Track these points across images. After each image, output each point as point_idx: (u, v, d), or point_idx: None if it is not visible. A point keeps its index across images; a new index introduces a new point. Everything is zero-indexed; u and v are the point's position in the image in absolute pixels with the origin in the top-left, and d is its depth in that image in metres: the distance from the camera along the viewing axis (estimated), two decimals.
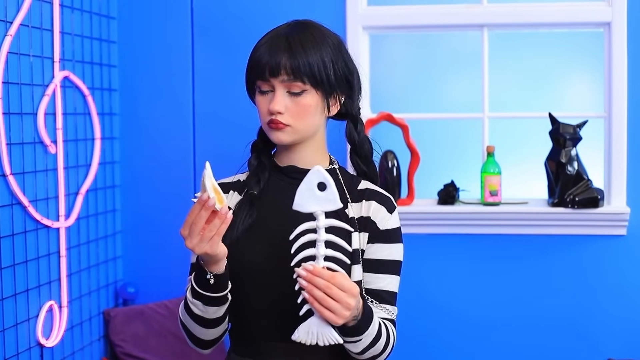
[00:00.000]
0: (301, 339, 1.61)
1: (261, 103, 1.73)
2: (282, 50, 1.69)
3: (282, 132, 1.72)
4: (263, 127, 1.76)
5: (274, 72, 1.69)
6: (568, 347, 3.22)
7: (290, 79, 1.69)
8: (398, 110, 3.33)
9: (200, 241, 1.56)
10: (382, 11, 3.29)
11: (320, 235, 1.58)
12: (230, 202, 1.79)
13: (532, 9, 3.25)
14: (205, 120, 3.32)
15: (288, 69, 1.69)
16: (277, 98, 1.70)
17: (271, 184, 1.79)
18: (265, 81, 1.71)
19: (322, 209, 1.58)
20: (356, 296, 1.58)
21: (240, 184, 1.82)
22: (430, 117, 3.86)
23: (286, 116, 1.71)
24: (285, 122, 1.71)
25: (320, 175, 1.57)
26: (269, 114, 1.71)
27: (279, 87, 1.70)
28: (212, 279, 1.63)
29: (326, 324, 1.59)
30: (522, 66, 4.34)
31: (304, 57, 1.69)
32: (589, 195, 3.12)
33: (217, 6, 3.31)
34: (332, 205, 1.57)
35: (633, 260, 3.19)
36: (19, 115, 2.64)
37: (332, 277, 1.55)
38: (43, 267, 2.78)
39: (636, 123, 3.17)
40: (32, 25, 2.71)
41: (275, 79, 1.70)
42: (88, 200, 3.08)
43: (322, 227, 1.58)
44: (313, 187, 1.57)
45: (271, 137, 1.74)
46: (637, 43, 3.15)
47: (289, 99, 1.71)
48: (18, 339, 2.64)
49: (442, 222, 3.24)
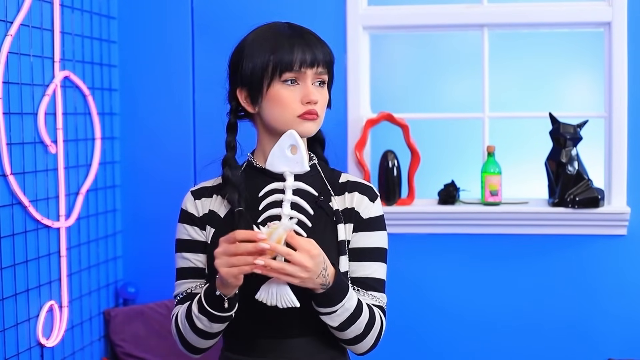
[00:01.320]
0: (262, 299, 1.64)
1: (289, 95, 1.73)
2: (316, 44, 1.75)
3: (313, 123, 1.74)
4: (289, 120, 1.73)
5: (313, 63, 1.72)
6: (568, 347, 3.22)
7: (324, 71, 1.75)
8: (398, 110, 3.33)
9: (231, 266, 1.59)
10: (382, 11, 3.29)
11: (287, 195, 1.67)
12: (213, 206, 1.79)
13: (532, 9, 3.25)
14: (205, 120, 3.32)
15: (323, 61, 1.74)
16: (311, 87, 1.73)
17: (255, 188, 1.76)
18: (297, 72, 1.72)
19: (290, 170, 1.68)
20: (315, 257, 1.60)
21: (222, 187, 1.80)
22: (431, 117, 3.86)
23: (318, 106, 1.75)
24: (318, 112, 1.74)
25: (293, 138, 1.68)
26: (302, 105, 1.72)
27: (310, 78, 1.74)
28: (226, 303, 1.66)
29: (285, 285, 1.63)
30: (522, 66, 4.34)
31: (329, 51, 1.77)
32: (589, 195, 3.12)
33: (217, 6, 3.31)
34: (299, 167, 1.68)
35: (633, 260, 3.19)
36: (19, 115, 2.65)
37: (288, 253, 1.58)
38: (43, 267, 2.78)
39: (636, 123, 3.17)
40: (33, 25, 2.71)
41: (311, 69, 1.73)
42: (88, 200, 3.08)
43: (290, 187, 1.68)
44: (284, 148, 1.68)
45: (302, 129, 1.73)
46: (637, 43, 3.16)
47: (317, 90, 1.75)
48: (18, 339, 2.64)
49: (442, 222, 3.24)
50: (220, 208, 1.78)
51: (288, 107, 1.73)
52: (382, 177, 3.25)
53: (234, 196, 1.75)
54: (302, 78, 1.73)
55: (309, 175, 1.78)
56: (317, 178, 1.80)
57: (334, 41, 3.24)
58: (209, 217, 1.78)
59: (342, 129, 3.26)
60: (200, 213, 1.79)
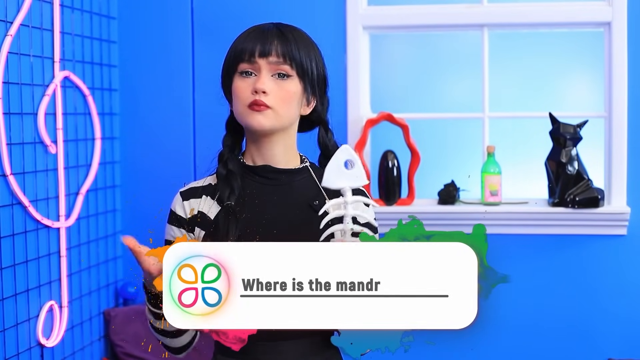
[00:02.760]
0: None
1: (242, 86, 1.70)
2: (273, 35, 1.70)
3: (263, 116, 1.68)
4: (241, 113, 1.71)
5: (264, 53, 1.68)
6: (568, 347, 3.22)
7: (280, 61, 1.69)
8: (398, 110, 3.33)
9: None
10: (382, 11, 3.29)
11: (348, 210, 1.62)
12: (202, 207, 1.76)
13: (532, 9, 3.25)
14: (205, 120, 3.32)
15: (279, 51, 1.68)
16: (263, 78, 1.68)
17: (246, 187, 1.75)
18: (250, 63, 1.69)
19: (349, 185, 1.62)
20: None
21: (212, 187, 1.79)
22: (430, 117, 3.86)
23: (270, 97, 1.68)
24: (268, 104, 1.68)
25: (348, 152, 1.62)
26: (252, 95, 1.68)
27: (265, 69, 1.69)
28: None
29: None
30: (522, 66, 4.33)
31: (294, 44, 1.71)
32: (589, 195, 3.12)
33: (217, 6, 3.31)
34: (359, 181, 1.63)
35: (633, 260, 3.19)
36: (19, 115, 2.65)
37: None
38: (43, 267, 2.78)
39: (636, 123, 3.17)
40: (33, 25, 2.72)
41: (264, 59, 1.68)
42: (88, 200, 3.08)
43: (350, 202, 1.62)
44: (341, 164, 1.62)
45: (251, 122, 1.69)
46: (637, 43, 3.16)
47: (273, 82, 1.69)
48: (18, 339, 2.64)
49: (442, 222, 3.24)
50: (210, 209, 1.75)
51: (240, 97, 1.70)
52: (382, 177, 3.25)
53: (226, 191, 1.74)
54: (257, 69, 1.69)
55: (300, 178, 1.76)
56: (309, 181, 1.78)
57: (334, 41, 3.26)
58: (197, 219, 1.75)
59: (342, 129, 3.26)
60: (187, 215, 1.77)
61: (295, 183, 1.76)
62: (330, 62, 1.83)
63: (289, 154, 1.78)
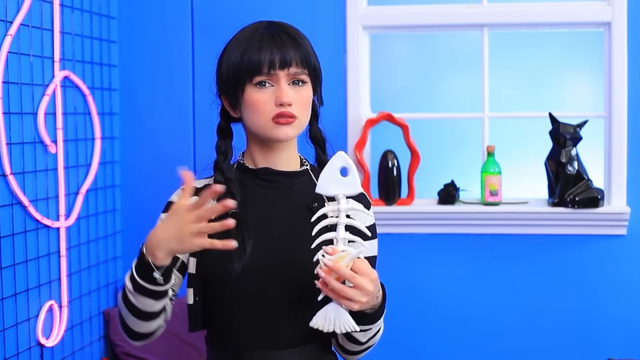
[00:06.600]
0: (318, 326, 1.60)
1: (262, 99, 1.66)
2: (286, 42, 1.67)
3: (290, 127, 1.67)
4: (264, 126, 1.67)
5: (285, 64, 1.65)
6: (568, 347, 3.22)
7: (299, 71, 1.67)
8: (398, 110, 3.33)
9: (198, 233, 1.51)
10: (382, 11, 3.29)
11: (341, 218, 1.60)
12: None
13: (532, 9, 3.25)
14: (205, 120, 3.32)
15: (298, 60, 1.67)
16: (285, 89, 1.66)
17: (246, 190, 1.73)
18: (269, 75, 1.66)
19: (343, 193, 1.60)
20: (375, 281, 1.57)
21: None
22: (430, 117, 3.86)
23: (294, 107, 1.67)
24: (295, 114, 1.67)
25: (343, 160, 1.60)
26: (276, 107, 1.66)
27: (284, 79, 1.66)
28: (159, 279, 1.59)
29: (343, 310, 1.59)
30: (522, 66, 4.34)
31: (306, 48, 1.69)
32: (589, 195, 3.12)
33: (217, 6, 3.31)
34: (353, 189, 1.60)
35: (633, 260, 3.19)
36: (19, 115, 2.65)
37: (352, 276, 1.54)
38: (43, 267, 2.78)
39: (636, 123, 3.17)
40: (32, 25, 2.71)
41: (283, 70, 1.66)
42: (88, 200, 3.08)
43: (344, 210, 1.60)
44: (335, 171, 1.60)
45: (277, 135, 1.67)
46: (637, 43, 3.16)
47: (293, 90, 1.67)
48: (18, 339, 2.64)
49: (442, 222, 3.24)
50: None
51: (261, 110, 1.66)
52: (382, 177, 3.25)
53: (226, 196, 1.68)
54: (275, 80, 1.66)
55: (301, 181, 1.75)
56: (309, 183, 1.75)
57: (333, 41, 3.26)
58: None
59: (342, 129, 3.26)
60: None
61: (296, 185, 1.75)
62: (330, 62, 1.83)
63: (291, 156, 1.77)
